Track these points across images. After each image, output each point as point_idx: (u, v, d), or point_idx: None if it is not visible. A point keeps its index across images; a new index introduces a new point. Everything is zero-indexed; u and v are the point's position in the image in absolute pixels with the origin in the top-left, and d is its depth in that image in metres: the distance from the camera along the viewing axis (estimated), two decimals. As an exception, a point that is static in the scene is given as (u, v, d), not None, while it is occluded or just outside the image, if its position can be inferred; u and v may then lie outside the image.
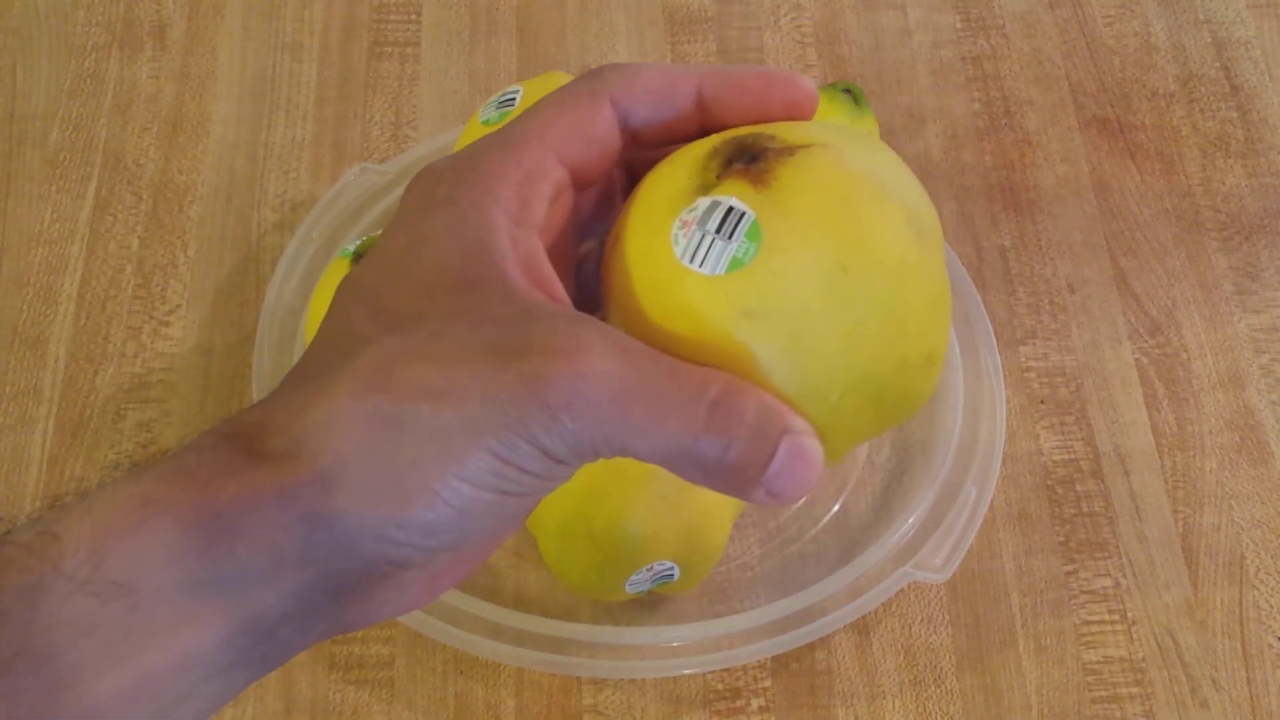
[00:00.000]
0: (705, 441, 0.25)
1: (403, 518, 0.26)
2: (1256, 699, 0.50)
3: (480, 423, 0.25)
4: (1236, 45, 0.67)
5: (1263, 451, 0.56)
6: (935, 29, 0.67)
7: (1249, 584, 0.53)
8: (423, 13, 0.67)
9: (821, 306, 0.26)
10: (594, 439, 0.25)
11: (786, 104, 0.29)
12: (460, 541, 0.27)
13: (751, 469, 0.26)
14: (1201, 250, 0.61)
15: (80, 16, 0.66)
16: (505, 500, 0.26)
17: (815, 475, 0.26)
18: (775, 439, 0.26)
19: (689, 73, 0.29)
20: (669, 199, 0.28)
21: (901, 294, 0.26)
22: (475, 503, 0.26)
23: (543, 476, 0.26)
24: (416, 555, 0.26)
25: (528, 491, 0.26)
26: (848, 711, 0.50)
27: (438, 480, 0.25)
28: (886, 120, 0.63)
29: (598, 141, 0.29)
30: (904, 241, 0.27)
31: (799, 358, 0.26)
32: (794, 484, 0.26)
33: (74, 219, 0.60)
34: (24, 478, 0.53)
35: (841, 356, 0.26)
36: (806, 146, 0.27)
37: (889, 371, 0.27)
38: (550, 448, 0.25)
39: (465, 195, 0.28)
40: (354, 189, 0.57)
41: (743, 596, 0.52)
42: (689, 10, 0.67)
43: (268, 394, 0.28)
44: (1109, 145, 0.64)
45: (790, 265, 0.26)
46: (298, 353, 0.53)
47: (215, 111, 0.63)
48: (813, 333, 0.26)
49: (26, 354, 0.56)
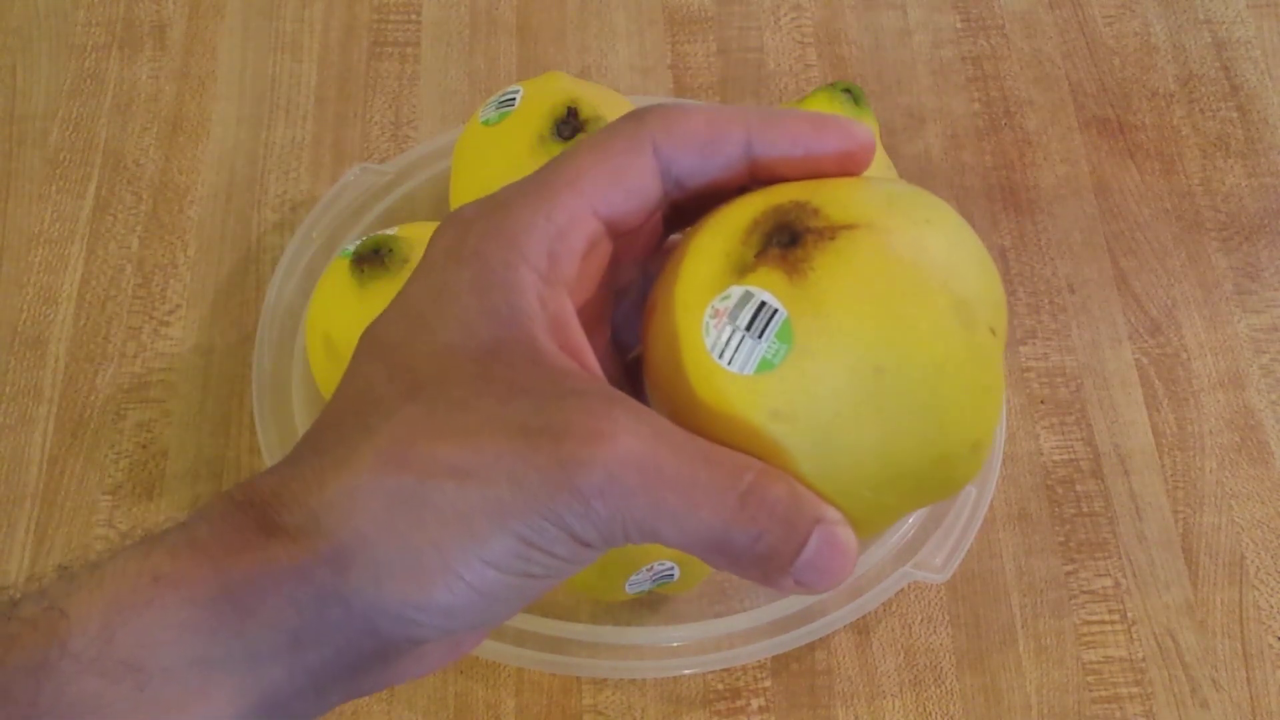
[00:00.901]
0: (736, 532, 0.24)
1: (423, 600, 0.25)
2: (1256, 699, 0.50)
3: (507, 505, 0.24)
4: (1236, 45, 0.67)
5: (1263, 451, 0.56)
6: (935, 29, 0.67)
7: (1249, 584, 0.53)
8: (423, 13, 0.67)
9: (853, 412, 0.25)
10: (625, 524, 0.24)
11: (840, 156, 0.27)
12: (482, 622, 0.26)
13: (781, 559, 0.25)
14: (1201, 250, 0.61)
15: (80, 16, 0.66)
16: (530, 583, 0.25)
17: (848, 566, 0.26)
18: (806, 529, 0.25)
19: (736, 117, 0.27)
20: (706, 279, 0.27)
21: (941, 392, 0.25)
22: (498, 585, 0.25)
23: (568, 560, 0.25)
24: (435, 635, 0.26)
25: (553, 574, 0.25)
26: (848, 711, 0.50)
27: (460, 563, 0.24)
28: (886, 120, 0.63)
29: (637, 192, 0.27)
30: (946, 336, 0.25)
31: (830, 459, 0.25)
32: (824, 575, 0.25)
33: (74, 219, 0.60)
34: (24, 478, 0.53)
35: (875, 459, 0.25)
36: (850, 227, 0.26)
37: (927, 466, 0.26)
38: (579, 533, 0.24)
39: (493, 250, 0.26)
40: (354, 189, 0.57)
41: (743, 596, 0.52)
42: (689, 10, 0.67)
43: (282, 459, 0.27)
44: (1109, 145, 0.64)
45: (821, 370, 0.25)
46: (298, 353, 0.53)
47: (215, 111, 0.63)
48: (844, 436, 0.25)
49: (26, 354, 0.56)
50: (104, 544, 0.52)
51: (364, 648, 0.25)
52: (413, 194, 0.58)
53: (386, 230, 0.50)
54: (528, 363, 0.25)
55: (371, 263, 0.47)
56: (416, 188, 0.58)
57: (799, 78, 0.65)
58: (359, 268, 0.47)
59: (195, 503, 0.53)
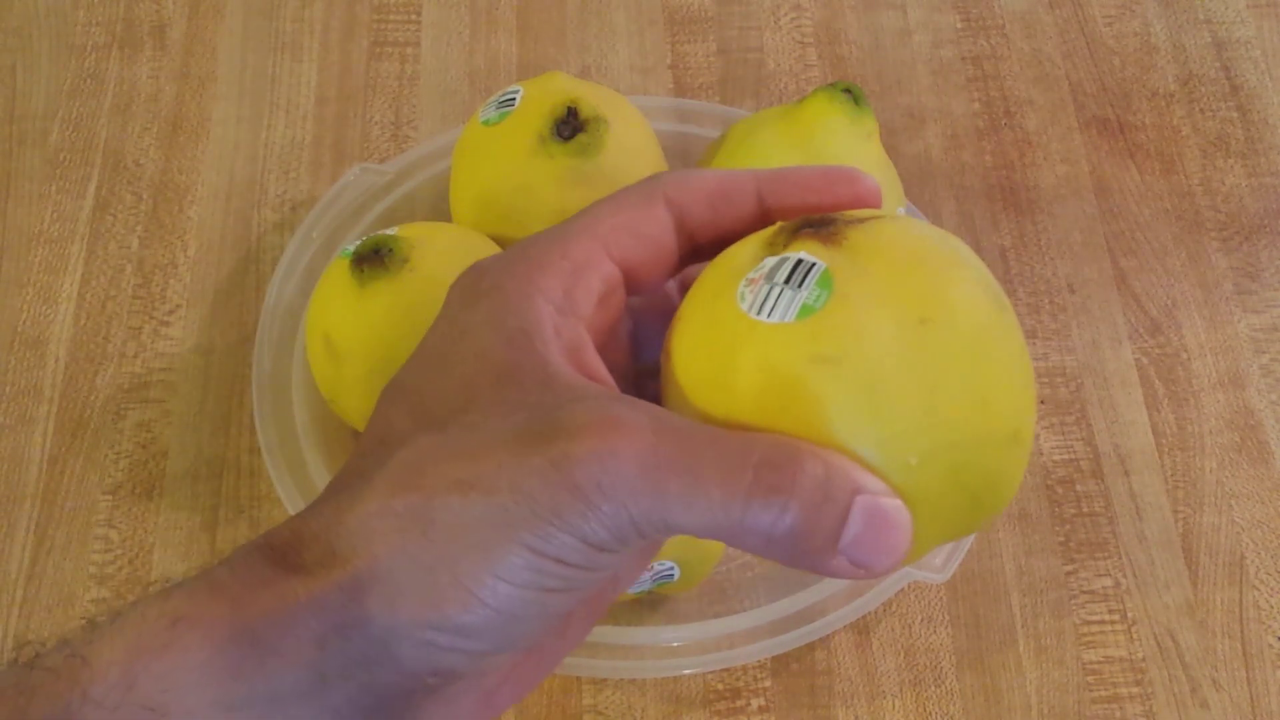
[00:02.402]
0: (757, 506, 0.23)
1: (438, 619, 0.24)
2: (1256, 699, 0.50)
3: (512, 515, 0.24)
4: (1236, 45, 0.67)
5: (1263, 451, 0.56)
6: (935, 29, 0.67)
7: (1249, 584, 0.53)
8: (423, 13, 0.67)
9: (900, 356, 0.24)
10: (633, 518, 0.24)
11: (853, 198, 0.28)
12: (505, 644, 0.25)
13: (820, 534, 0.23)
14: (1201, 250, 0.61)
15: (80, 16, 0.66)
16: (548, 597, 0.25)
17: (903, 540, 0.24)
18: (844, 499, 0.23)
19: (747, 175, 0.28)
20: (733, 268, 0.26)
21: (982, 359, 0.25)
22: (515, 602, 0.24)
23: (585, 567, 0.24)
24: (460, 662, 0.25)
25: (572, 586, 0.25)
26: (848, 711, 0.50)
27: (471, 579, 0.24)
28: (886, 120, 0.63)
29: (651, 239, 0.28)
30: (984, 306, 0.25)
31: (874, 410, 0.24)
32: (878, 549, 0.24)
33: (74, 219, 0.60)
34: (24, 478, 0.53)
35: (919, 415, 0.24)
36: (876, 217, 0.26)
37: (970, 443, 0.24)
38: (588, 534, 0.24)
39: (509, 284, 0.27)
40: (354, 189, 0.57)
41: (743, 596, 0.52)
42: (689, 10, 0.67)
43: (306, 506, 0.27)
44: (1109, 145, 0.64)
45: (866, 314, 0.24)
46: (298, 353, 0.53)
47: (215, 111, 0.63)
48: (890, 384, 0.24)
49: (26, 354, 0.56)
50: (103, 544, 0.52)
51: (388, 682, 0.25)
52: (413, 194, 0.58)
53: (386, 230, 0.49)
54: (539, 384, 0.25)
55: (371, 263, 0.47)
56: (416, 188, 0.58)
57: (799, 78, 0.65)
58: (359, 268, 0.47)
59: (195, 502, 0.53)
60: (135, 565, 0.51)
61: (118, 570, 0.51)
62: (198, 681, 0.24)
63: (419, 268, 0.47)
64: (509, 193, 0.51)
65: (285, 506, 0.49)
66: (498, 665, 0.27)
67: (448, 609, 0.24)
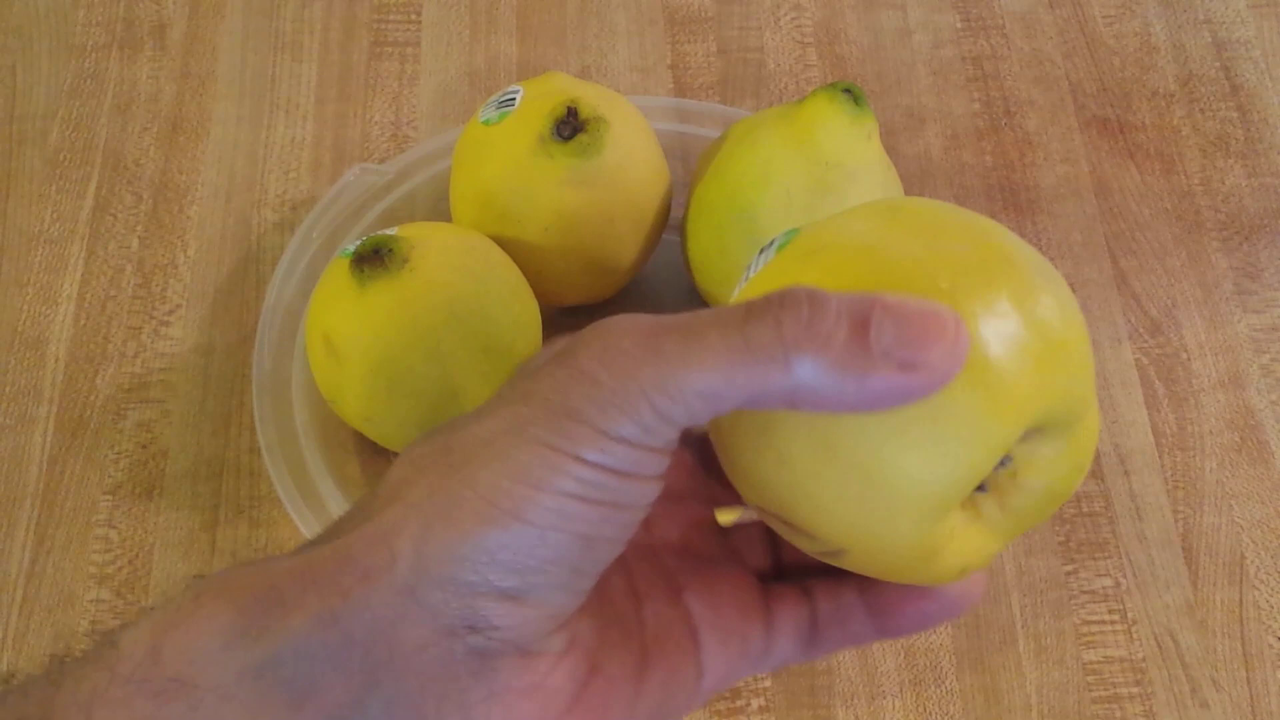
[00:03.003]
0: (753, 329, 0.23)
1: (460, 541, 0.23)
2: (1256, 699, 0.50)
3: (525, 417, 0.24)
4: (1236, 45, 0.67)
5: (1263, 451, 0.56)
6: (935, 29, 0.67)
7: (1249, 584, 0.53)
8: (423, 13, 0.67)
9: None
10: (643, 389, 0.23)
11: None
12: (536, 580, 0.24)
13: (840, 333, 0.22)
14: (1201, 250, 0.61)
15: (80, 16, 0.66)
16: (574, 508, 0.24)
17: (949, 323, 0.23)
18: (865, 309, 0.23)
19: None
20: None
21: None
22: (537, 509, 0.23)
23: (611, 469, 0.23)
24: (496, 610, 0.24)
25: (602, 494, 0.24)
26: (848, 711, 0.50)
27: (490, 487, 0.23)
28: (886, 120, 0.63)
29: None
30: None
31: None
32: (923, 335, 0.22)
33: (74, 219, 0.60)
34: (24, 478, 0.53)
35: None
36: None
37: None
38: (599, 420, 0.23)
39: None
40: (354, 189, 0.57)
41: (743, 596, 0.52)
42: (689, 10, 0.67)
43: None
44: (1109, 145, 0.64)
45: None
46: (298, 353, 0.53)
47: (215, 111, 0.63)
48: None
49: (26, 354, 0.56)
50: (103, 544, 0.52)
51: (420, 640, 0.23)
52: (413, 194, 0.58)
53: (386, 230, 0.50)
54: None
55: (371, 263, 0.47)
56: (416, 188, 0.58)
57: (799, 78, 0.65)
58: (359, 268, 0.47)
59: (195, 502, 0.53)
60: (135, 565, 0.51)
61: (118, 570, 0.51)
62: (221, 647, 0.23)
63: (419, 268, 0.47)
64: (509, 193, 0.51)
65: (285, 506, 0.49)
66: (542, 635, 0.25)
67: (468, 525, 0.23)
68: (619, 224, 0.52)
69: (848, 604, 0.30)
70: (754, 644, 0.30)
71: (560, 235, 0.51)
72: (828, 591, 0.30)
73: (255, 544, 0.52)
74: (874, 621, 0.30)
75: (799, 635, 0.30)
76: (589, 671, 0.26)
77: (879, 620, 0.30)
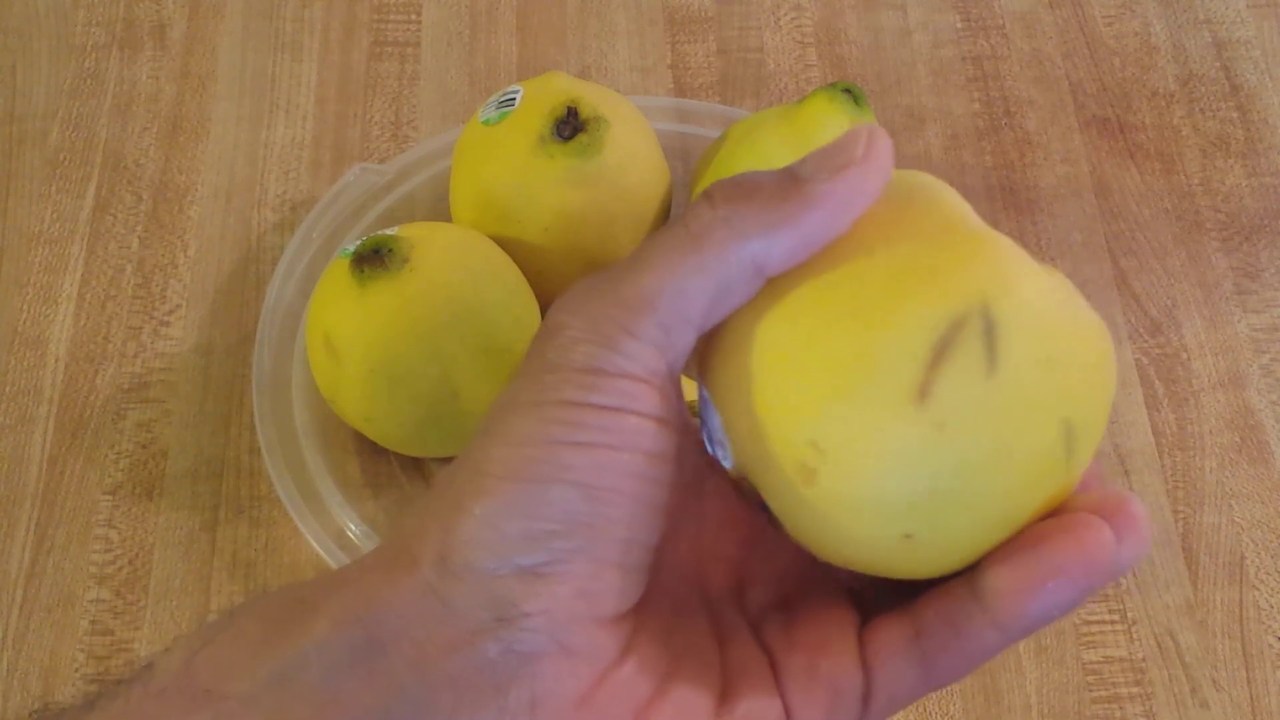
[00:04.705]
0: (690, 218, 0.24)
1: (469, 525, 0.23)
2: (1256, 699, 0.50)
3: (511, 391, 0.24)
4: (1236, 45, 0.67)
5: (1263, 451, 0.56)
6: (935, 29, 0.67)
7: (1249, 584, 0.53)
8: (423, 13, 0.67)
9: None
10: (609, 315, 0.23)
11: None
12: (555, 542, 0.23)
13: (765, 181, 0.24)
14: (1201, 250, 0.61)
15: (80, 16, 0.66)
16: (569, 456, 0.23)
17: (871, 132, 0.24)
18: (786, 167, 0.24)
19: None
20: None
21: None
22: (530, 464, 0.23)
23: (598, 405, 0.23)
24: (519, 593, 0.23)
25: (594, 435, 0.23)
26: (848, 711, 0.50)
27: (486, 460, 0.23)
28: (886, 120, 0.63)
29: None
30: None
31: None
32: (842, 147, 0.24)
33: (74, 219, 0.60)
34: (24, 478, 0.53)
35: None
36: None
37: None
38: (574, 359, 0.23)
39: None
40: (354, 189, 0.57)
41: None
42: (689, 10, 0.67)
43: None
44: (1109, 145, 0.64)
45: None
46: (298, 353, 0.53)
47: (215, 111, 0.63)
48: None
49: (26, 354, 0.56)
50: (103, 544, 0.52)
51: (448, 640, 0.23)
52: (413, 194, 0.58)
53: (386, 230, 0.50)
54: None
55: (371, 263, 0.47)
56: (416, 188, 0.58)
57: (799, 78, 0.65)
58: (359, 268, 0.47)
59: (195, 502, 0.53)
60: (135, 565, 0.51)
61: (118, 570, 0.51)
62: (250, 657, 0.23)
63: (419, 268, 0.47)
64: (509, 193, 0.51)
65: (285, 506, 0.49)
66: (579, 620, 0.23)
67: (471, 503, 0.23)
68: (619, 224, 0.52)
69: (958, 601, 0.25)
70: (847, 678, 0.25)
71: (560, 235, 0.51)
72: (933, 597, 0.25)
73: (255, 544, 0.52)
74: (988, 617, 0.24)
75: (907, 659, 0.25)
76: (653, 694, 0.25)
77: (993, 613, 0.24)
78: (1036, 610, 0.24)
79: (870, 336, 0.23)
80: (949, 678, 0.25)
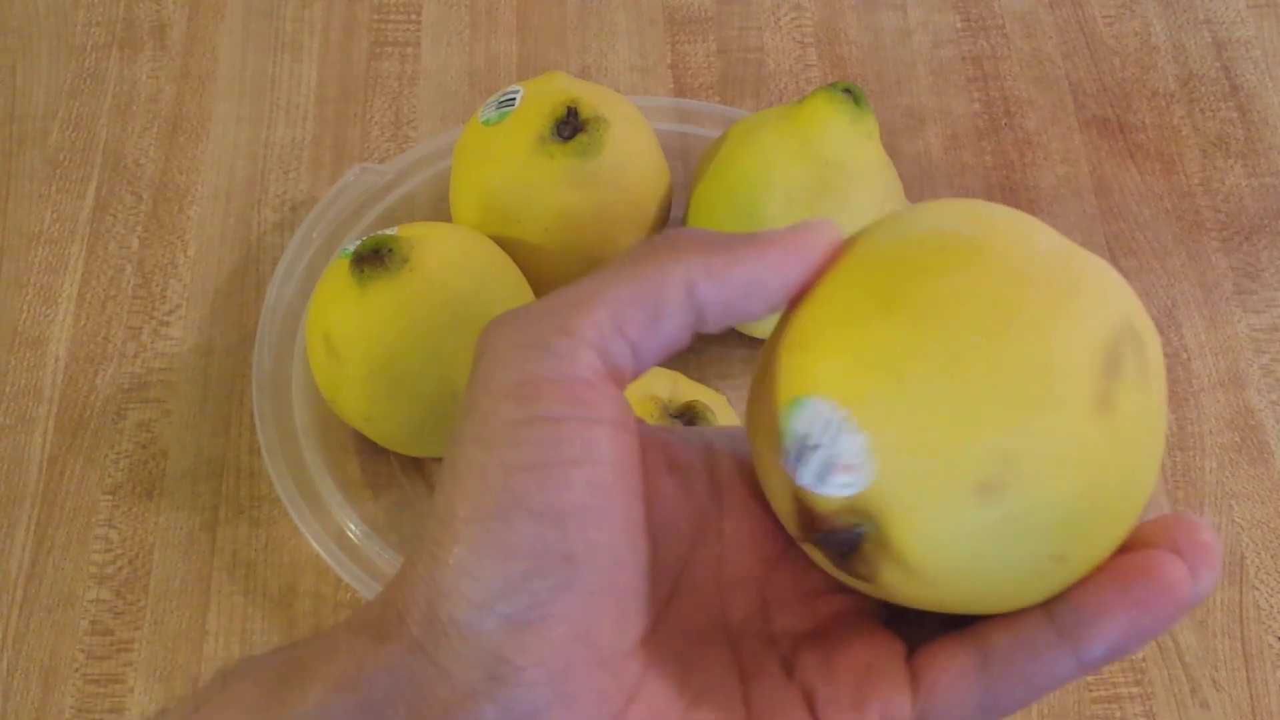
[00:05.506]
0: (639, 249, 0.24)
1: (446, 577, 0.22)
2: (1256, 699, 0.50)
3: (458, 431, 0.23)
4: (1236, 45, 0.67)
5: (1263, 451, 0.56)
6: (935, 29, 0.67)
7: (1249, 584, 0.53)
8: (423, 13, 0.67)
9: None
10: (551, 316, 0.23)
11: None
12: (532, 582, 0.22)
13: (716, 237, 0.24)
14: (1201, 250, 0.61)
15: (80, 16, 0.66)
16: (520, 480, 0.22)
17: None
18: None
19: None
20: None
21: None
22: (486, 496, 0.22)
23: (542, 417, 0.22)
24: (509, 647, 0.22)
25: (542, 453, 0.22)
26: (848, 711, 0.50)
27: (449, 510, 0.23)
28: (886, 120, 0.63)
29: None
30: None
31: None
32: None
33: (74, 219, 0.60)
34: (24, 478, 0.53)
35: None
36: None
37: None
38: (512, 370, 0.22)
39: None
40: (354, 189, 0.57)
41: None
42: (689, 10, 0.67)
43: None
44: (1109, 145, 0.64)
45: None
46: (298, 353, 0.53)
47: (215, 111, 0.63)
48: None
49: (26, 354, 0.56)
50: (103, 544, 0.52)
51: (443, 701, 0.22)
52: (413, 194, 0.58)
53: (386, 230, 0.50)
54: None
55: (371, 263, 0.47)
56: (416, 188, 0.58)
57: (799, 78, 0.65)
58: (359, 268, 0.47)
59: (195, 502, 0.53)
60: (135, 565, 0.51)
61: (118, 570, 0.51)
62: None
63: (419, 268, 0.47)
64: (509, 193, 0.51)
65: (285, 506, 0.49)
66: (578, 668, 0.22)
67: (444, 554, 0.22)
68: (619, 224, 0.52)
69: (1035, 628, 0.24)
70: (899, 707, 0.24)
71: (560, 235, 0.51)
72: (1001, 624, 0.24)
73: (255, 544, 0.52)
74: (1068, 645, 0.23)
75: (971, 686, 0.24)
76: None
77: (1073, 641, 0.23)
78: (1119, 641, 0.23)
79: (1047, 346, 0.23)
80: (1011, 708, 0.24)
